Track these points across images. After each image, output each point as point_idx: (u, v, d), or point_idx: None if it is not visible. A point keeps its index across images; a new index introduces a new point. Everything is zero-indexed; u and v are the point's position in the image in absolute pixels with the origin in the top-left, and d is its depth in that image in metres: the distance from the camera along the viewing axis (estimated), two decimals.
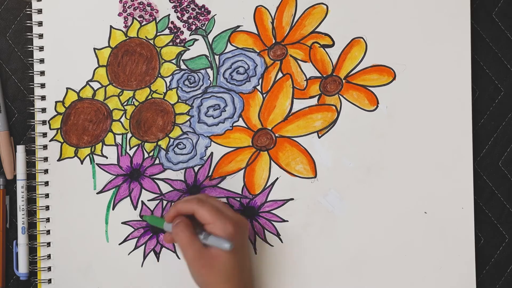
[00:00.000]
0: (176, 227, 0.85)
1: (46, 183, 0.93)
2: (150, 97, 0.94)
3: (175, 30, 0.94)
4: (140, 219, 0.93)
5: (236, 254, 0.84)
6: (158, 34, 0.94)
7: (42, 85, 0.93)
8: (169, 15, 0.94)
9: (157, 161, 0.94)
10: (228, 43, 0.94)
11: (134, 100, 0.94)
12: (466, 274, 0.94)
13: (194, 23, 0.94)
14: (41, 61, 0.93)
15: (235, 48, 0.94)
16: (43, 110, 0.93)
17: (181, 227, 0.85)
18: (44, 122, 0.93)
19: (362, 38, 0.94)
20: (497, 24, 0.97)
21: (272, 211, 0.94)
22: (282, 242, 0.94)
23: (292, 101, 0.94)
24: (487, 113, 0.96)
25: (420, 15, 0.95)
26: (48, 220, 0.93)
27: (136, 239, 0.93)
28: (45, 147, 0.93)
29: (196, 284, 0.86)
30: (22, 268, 0.93)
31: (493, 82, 0.96)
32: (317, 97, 0.94)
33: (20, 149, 0.93)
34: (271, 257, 0.94)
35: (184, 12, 0.94)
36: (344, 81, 0.94)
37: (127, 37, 0.94)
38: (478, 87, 0.96)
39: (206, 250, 0.84)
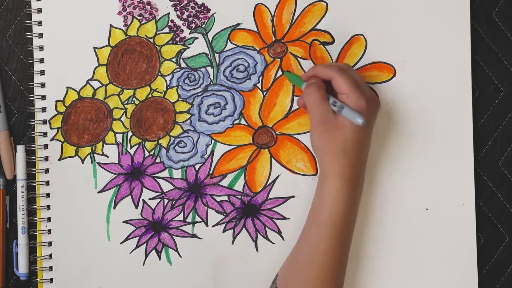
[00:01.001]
0: (308, 87, 0.86)
1: (47, 183, 0.93)
2: (150, 95, 0.94)
3: (175, 29, 0.94)
4: (141, 217, 0.93)
5: (361, 130, 0.84)
6: (158, 32, 0.94)
7: (42, 85, 0.93)
8: (168, 13, 0.94)
9: (158, 160, 0.94)
10: (228, 41, 0.94)
11: (134, 99, 0.94)
12: (468, 273, 0.94)
13: (194, 21, 0.94)
14: (41, 60, 0.93)
15: (235, 46, 0.94)
16: (43, 109, 0.93)
17: (314, 87, 0.85)
18: (44, 122, 0.93)
19: (362, 35, 0.95)
20: (497, 24, 0.97)
21: (273, 209, 0.94)
22: (283, 239, 0.94)
23: (293, 99, 0.94)
24: (487, 113, 0.96)
25: (419, 14, 0.95)
26: (49, 219, 0.93)
27: (138, 238, 0.93)
28: (45, 146, 0.93)
29: (312, 148, 0.88)
30: (22, 268, 0.93)
31: (493, 82, 0.97)
32: None
33: (20, 149, 0.93)
34: (272, 254, 0.94)
35: (184, 10, 0.94)
36: None
37: (127, 36, 0.94)
38: (478, 87, 0.96)
39: (333, 116, 0.84)
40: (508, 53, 0.97)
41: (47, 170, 0.93)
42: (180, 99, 0.94)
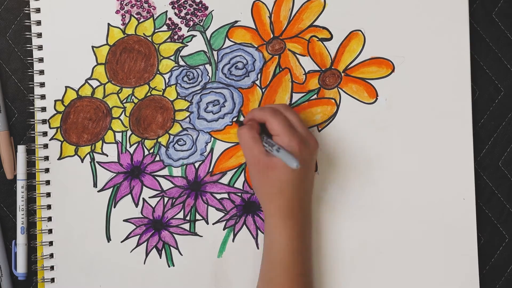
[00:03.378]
0: (240, 129, 0.86)
1: (47, 182, 0.93)
2: (149, 94, 0.94)
3: (173, 27, 0.94)
4: (142, 216, 0.93)
5: (294, 171, 0.84)
6: (156, 31, 0.94)
7: (42, 84, 0.93)
8: (166, 11, 0.94)
9: (157, 158, 0.94)
10: (226, 39, 0.94)
11: (133, 97, 0.94)
12: (469, 273, 0.94)
13: (191, 19, 0.94)
14: (40, 60, 0.93)
15: (233, 43, 0.94)
16: (43, 109, 0.93)
17: (245, 129, 0.86)
18: (44, 121, 0.93)
19: (360, 31, 0.94)
20: (497, 24, 0.96)
21: None
22: None
23: (291, 95, 0.94)
24: (487, 113, 0.96)
25: (418, 11, 0.94)
26: (49, 219, 0.93)
27: (138, 236, 0.93)
28: (45, 146, 0.93)
29: (252, 187, 0.88)
30: (20, 268, 0.93)
31: (493, 82, 0.96)
32: (316, 90, 0.94)
33: (21, 149, 0.93)
34: None
35: (182, 8, 0.94)
36: (343, 74, 0.94)
37: (125, 35, 0.94)
38: (478, 87, 0.96)
39: (266, 157, 0.84)
40: (508, 53, 0.97)
41: (47, 170, 0.93)
42: (179, 97, 0.94)
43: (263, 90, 0.94)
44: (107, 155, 0.94)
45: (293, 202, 0.85)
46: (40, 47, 0.94)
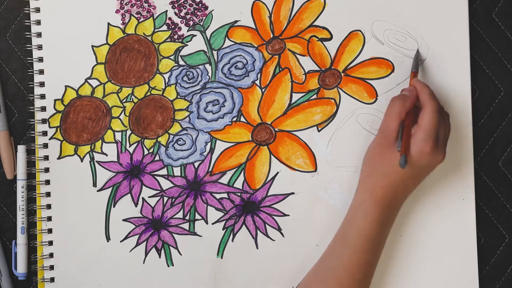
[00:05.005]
0: (396, 97, 0.86)
1: (47, 182, 0.93)
2: (149, 93, 0.94)
3: (172, 26, 0.94)
4: (141, 215, 0.93)
5: (405, 173, 0.84)
6: (156, 30, 0.94)
7: (42, 84, 0.93)
8: (166, 11, 0.94)
9: (157, 158, 0.94)
10: (226, 38, 0.94)
11: (133, 97, 0.94)
12: (469, 273, 0.94)
13: (191, 18, 0.94)
14: (40, 59, 0.93)
15: (233, 43, 0.94)
16: (43, 108, 0.93)
17: (401, 99, 0.85)
18: (44, 121, 0.93)
19: (360, 31, 0.94)
20: (497, 24, 0.96)
21: (273, 206, 0.94)
22: (283, 236, 0.94)
23: (291, 95, 0.94)
24: (487, 113, 0.96)
25: (418, 12, 0.94)
26: (49, 218, 0.93)
27: (137, 236, 0.93)
28: (45, 145, 0.93)
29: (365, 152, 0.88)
30: (20, 268, 0.93)
31: (493, 82, 0.96)
32: (316, 90, 0.94)
33: (21, 149, 0.93)
34: (272, 251, 0.93)
35: (182, 8, 0.94)
36: (342, 74, 0.94)
37: (125, 34, 0.94)
38: (478, 87, 0.96)
39: (395, 137, 0.84)
40: (508, 53, 0.96)
41: (47, 169, 0.93)
42: (178, 96, 0.94)
43: (263, 90, 0.94)
44: (106, 155, 0.94)
45: (391, 192, 0.85)
46: (40, 47, 0.94)
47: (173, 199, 0.94)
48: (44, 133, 0.93)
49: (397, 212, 0.87)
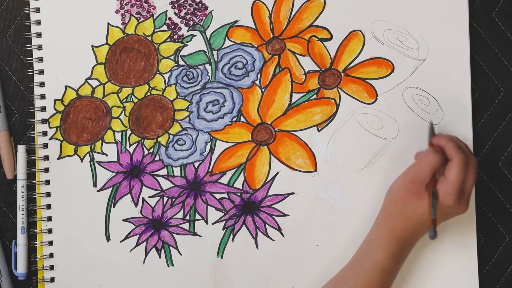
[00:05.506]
0: (433, 150, 0.86)
1: (47, 182, 0.93)
2: (149, 93, 0.94)
3: (172, 26, 0.94)
4: (141, 215, 0.93)
5: (427, 219, 0.84)
6: (156, 30, 0.94)
7: (42, 84, 0.93)
8: (166, 11, 0.94)
9: (157, 158, 0.94)
10: (226, 38, 0.94)
11: (133, 97, 0.94)
12: (469, 273, 0.94)
13: (191, 18, 0.94)
14: (40, 59, 0.93)
15: (233, 43, 0.94)
16: (43, 108, 0.93)
17: (436, 153, 0.85)
18: (44, 121, 0.93)
19: (360, 31, 0.94)
20: (497, 24, 0.96)
21: (273, 206, 0.94)
22: (283, 236, 0.94)
23: (291, 95, 0.94)
24: (487, 113, 0.96)
25: (418, 11, 0.94)
26: (49, 218, 0.93)
27: (137, 236, 0.93)
28: (45, 145, 0.93)
29: (388, 189, 0.88)
30: (20, 268, 0.93)
31: (493, 82, 0.96)
32: (316, 90, 0.94)
33: (21, 149, 0.93)
34: (272, 251, 0.93)
35: (182, 8, 0.94)
36: (342, 74, 0.94)
37: (125, 34, 0.94)
38: (478, 87, 0.96)
39: (422, 187, 0.84)
40: (508, 53, 0.96)
41: (47, 169, 0.93)
42: (178, 96, 0.94)
43: (263, 90, 0.94)
44: (106, 155, 0.94)
45: (411, 232, 0.86)
46: (40, 47, 0.94)
47: (173, 199, 0.94)
48: (44, 133, 0.93)
49: (412, 247, 0.89)
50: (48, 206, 0.93)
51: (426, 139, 0.90)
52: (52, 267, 0.93)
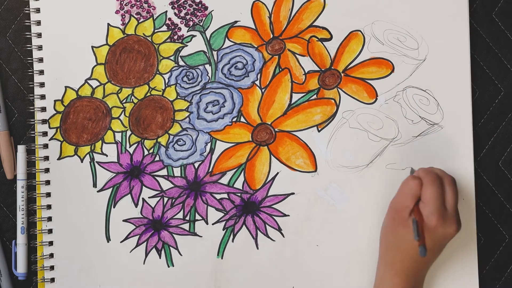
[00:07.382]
0: (413, 178, 0.86)
1: (47, 182, 0.93)
2: (149, 94, 0.94)
3: (172, 27, 0.94)
4: (141, 216, 0.93)
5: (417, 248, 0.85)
6: (156, 31, 0.94)
7: (42, 84, 0.93)
8: (166, 11, 0.94)
9: (157, 158, 0.94)
10: (226, 39, 0.94)
11: (133, 97, 0.94)
12: (469, 273, 0.94)
13: (191, 19, 0.94)
14: (40, 60, 0.93)
15: (233, 43, 0.94)
16: (43, 109, 0.93)
17: (416, 183, 0.85)
18: (44, 121, 0.93)
19: (360, 31, 0.94)
20: (497, 24, 0.96)
21: (273, 206, 0.94)
22: (283, 236, 0.94)
23: (291, 96, 0.94)
24: (487, 113, 0.96)
25: (418, 12, 0.94)
26: (49, 219, 0.93)
27: (138, 236, 0.93)
28: (45, 146, 0.93)
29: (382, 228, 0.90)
30: (20, 268, 0.93)
31: (493, 82, 0.96)
32: (316, 91, 0.94)
33: (21, 149, 0.93)
34: (273, 251, 0.94)
35: (181, 8, 0.94)
36: (342, 74, 0.94)
37: (125, 35, 0.94)
38: (478, 87, 0.96)
39: (407, 214, 0.85)
40: (508, 53, 0.96)
41: (47, 170, 0.93)
42: (178, 97, 0.94)
43: (263, 90, 0.94)
44: (106, 155, 0.94)
45: (411, 264, 0.86)
46: (40, 47, 0.94)
47: (173, 200, 0.94)
48: (44, 134, 0.93)
49: (423, 282, 0.88)
50: (48, 207, 0.93)
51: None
52: (52, 267, 0.93)
